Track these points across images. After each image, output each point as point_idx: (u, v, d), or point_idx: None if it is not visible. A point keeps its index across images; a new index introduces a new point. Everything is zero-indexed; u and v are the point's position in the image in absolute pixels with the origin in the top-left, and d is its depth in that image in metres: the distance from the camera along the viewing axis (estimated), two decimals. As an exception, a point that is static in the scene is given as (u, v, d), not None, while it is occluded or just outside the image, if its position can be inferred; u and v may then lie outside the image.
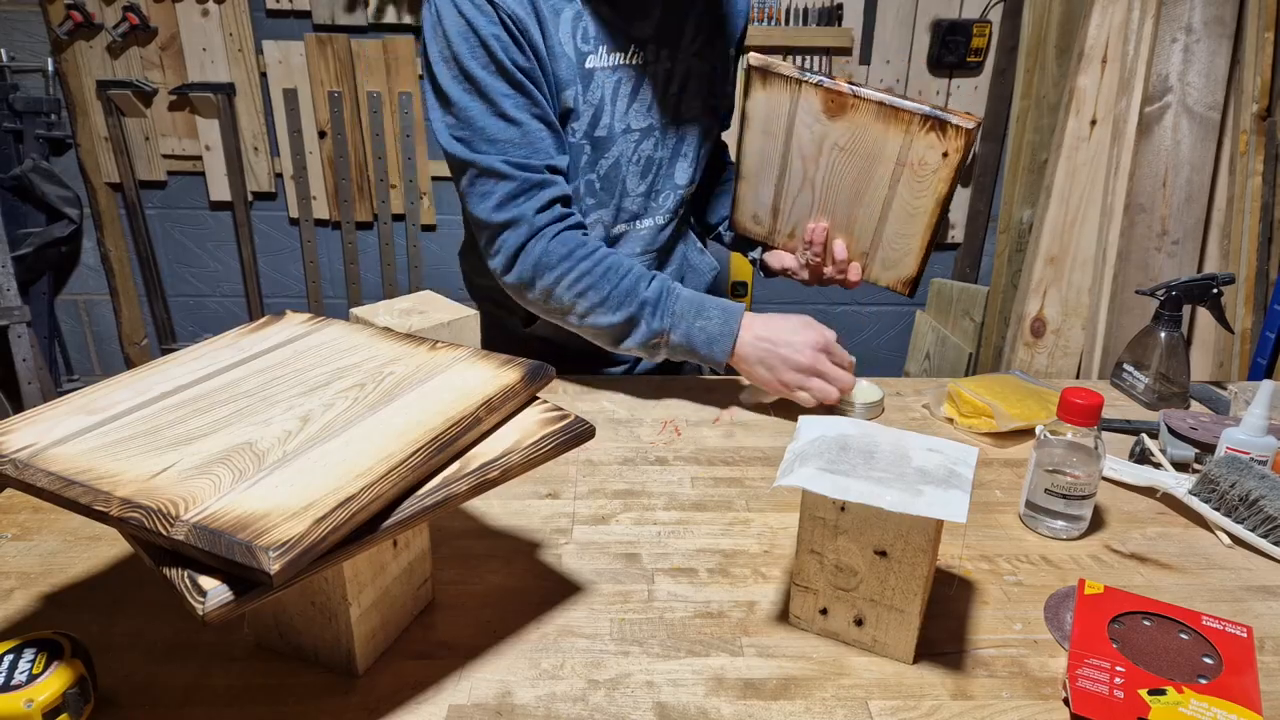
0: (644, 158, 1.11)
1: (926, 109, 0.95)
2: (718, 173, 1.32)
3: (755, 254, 1.24)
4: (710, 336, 1.00)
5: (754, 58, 1.02)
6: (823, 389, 1.00)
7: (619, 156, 1.09)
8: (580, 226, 1.04)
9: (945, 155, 0.96)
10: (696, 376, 1.17)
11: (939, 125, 0.95)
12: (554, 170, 1.01)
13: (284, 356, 0.71)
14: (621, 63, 1.05)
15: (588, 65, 1.02)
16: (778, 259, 1.19)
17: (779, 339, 1.00)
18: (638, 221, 1.16)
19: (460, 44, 0.95)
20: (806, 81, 1.00)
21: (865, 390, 1.07)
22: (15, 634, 0.60)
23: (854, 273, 1.10)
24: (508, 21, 0.94)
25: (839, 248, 1.09)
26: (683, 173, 1.17)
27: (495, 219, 1.00)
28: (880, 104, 0.97)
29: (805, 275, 1.15)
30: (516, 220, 0.99)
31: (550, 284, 1.01)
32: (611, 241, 1.14)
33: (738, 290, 2.43)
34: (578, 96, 1.02)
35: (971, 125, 0.94)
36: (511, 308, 1.19)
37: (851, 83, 1.00)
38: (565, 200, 1.03)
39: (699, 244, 1.32)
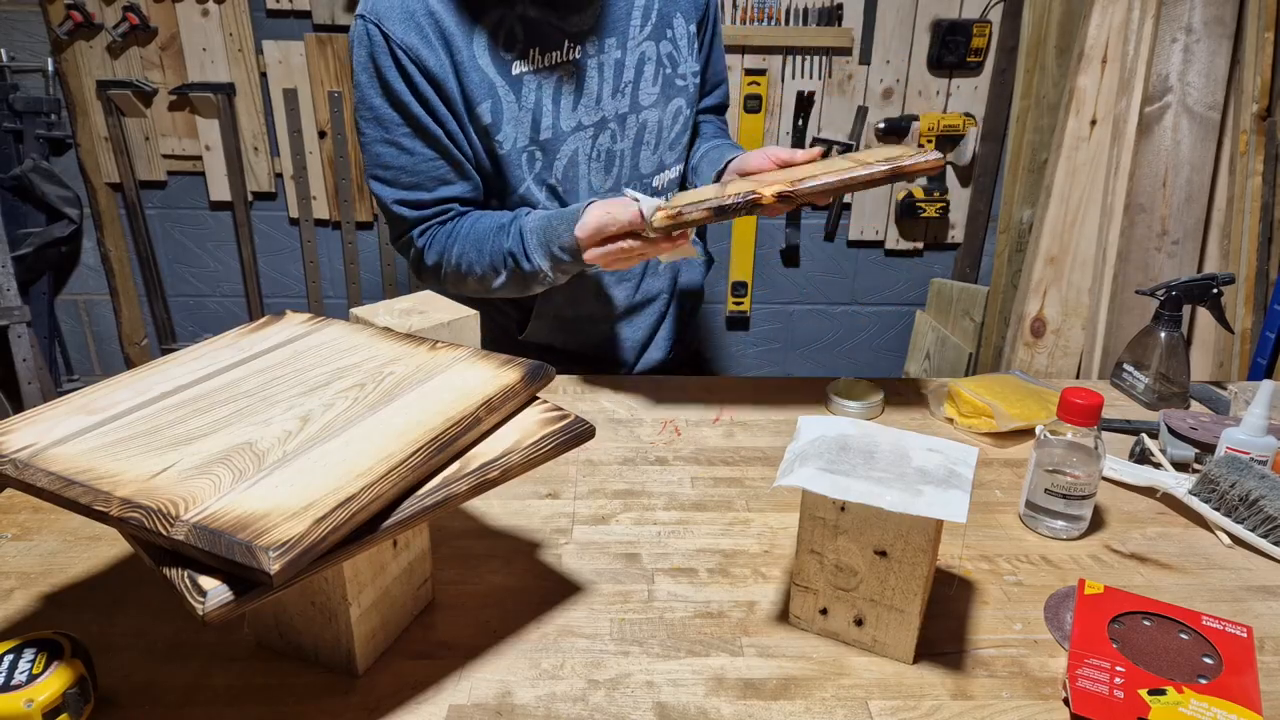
0: (603, 152, 1.10)
1: (883, 168, 0.87)
2: (706, 140, 1.27)
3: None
4: (565, 246, 0.98)
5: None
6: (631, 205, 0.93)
7: (574, 155, 1.08)
8: (454, 216, 1.08)
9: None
10: (696, 376, 1.17)
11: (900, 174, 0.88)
12: (442, 202, 1.06)
13: (284, 356, 0.71)
14: (558, 60, 1.04)
15: (514, 72, 1.02)
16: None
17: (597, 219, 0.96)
18: None
19: (361, 74, 1.00)
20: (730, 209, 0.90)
21: (867, 391, 1.07)
22: (15, 634, 0.60)
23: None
24: (398, 53, 0.97)
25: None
26: (647, 162, 1.15)
27: (397, 246, 1.13)
28: (825, 190, 0.88)
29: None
30: (407, 246, 1.10)
31: (450, 277, 1.09)
32: None
33: (738, 290, 2.42)
34: (500, 107, 1.02)
35: (938, 159, 0.88)
36: (506, 312, 1.19)
37: (785, 191, 0.88)
38: (447, 210, 1.08)
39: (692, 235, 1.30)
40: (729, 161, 1.11)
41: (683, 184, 1.25)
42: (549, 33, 1.02)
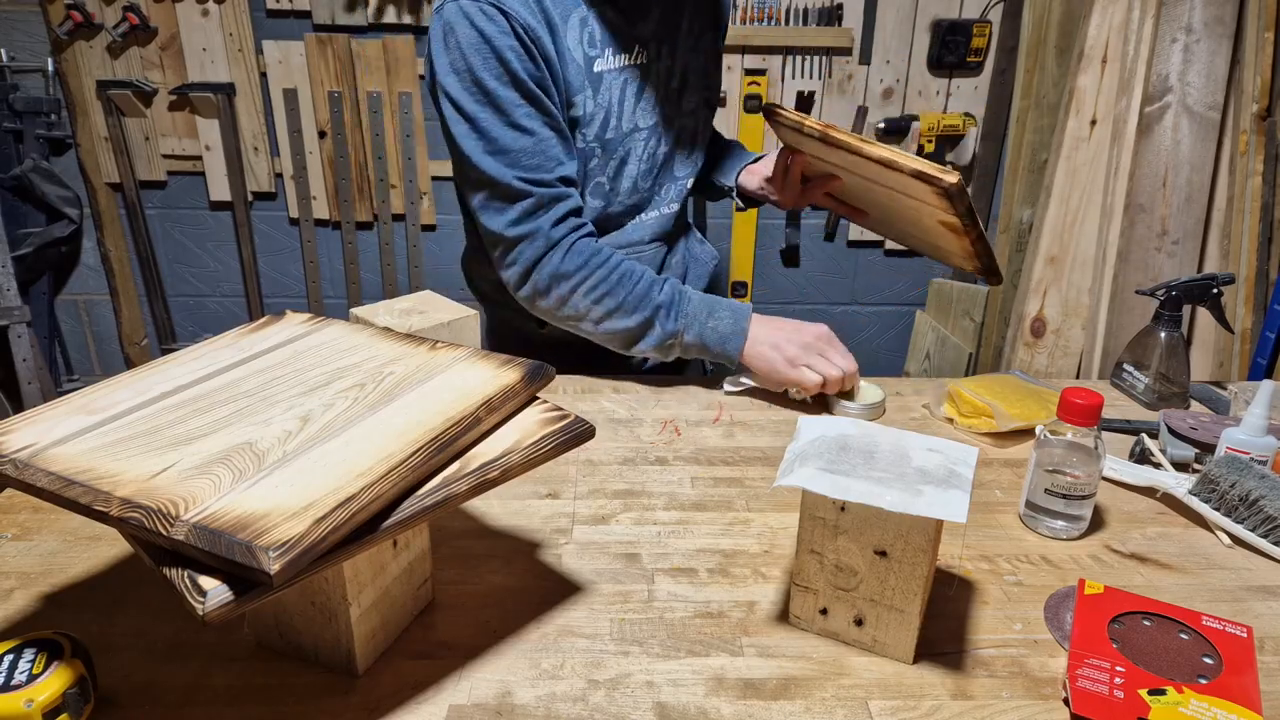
0: (650, 155, 1.13)
1: (914, 166, 0.95)
2: (714, 140, 1.34)
3: (729, 180, 1.29)
4: (723, 335, 1.05)
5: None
6: (826, 365, 1.03)
7: (626, 155, 1.10)
8: (592, 235, 1.06)
9: (941, 200, 0.97)
10: (696, 376, 1.17)
11: (925, 179, 0.95)
12: (566, 181, 1.03)
13: (284, 356, 0.71)
14: (627, 64, 1.06)
15: (596, 69, 1.03)
16: (755, 176, 1.25)
17: (785, 326, 1.06)
18: (641, 214, 1.17)
19: (474, 56, 0.95)
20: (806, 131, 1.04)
21: (867, 391, 1.07)
22: (15, 634, 0.60)
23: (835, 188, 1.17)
24: (520, 32, 0.95)
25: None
26: (681, 166, 1.19)
27: (511, 234, 1.02)
28: (875, 158, 0.98)
29: (782, 196, 1.22)
30: (533, 234, 1.01)
31: (566, 293, 1.04)
32: (616, 231, 1.16)
33: (737, 290, 2.43)
34: (587, 101, 1.03)
35: (951, 181, 0.93)
36: (524, 311, 1.19)
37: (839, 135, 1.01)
38: (578, 211, 1.05)
39: (699, 235, 1.34)
40: (747, 164, 1.28)
41: (699, 181, 1.30)
42: (620, 35, 1.04)
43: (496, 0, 0.95)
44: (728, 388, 1.10)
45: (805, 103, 2.23)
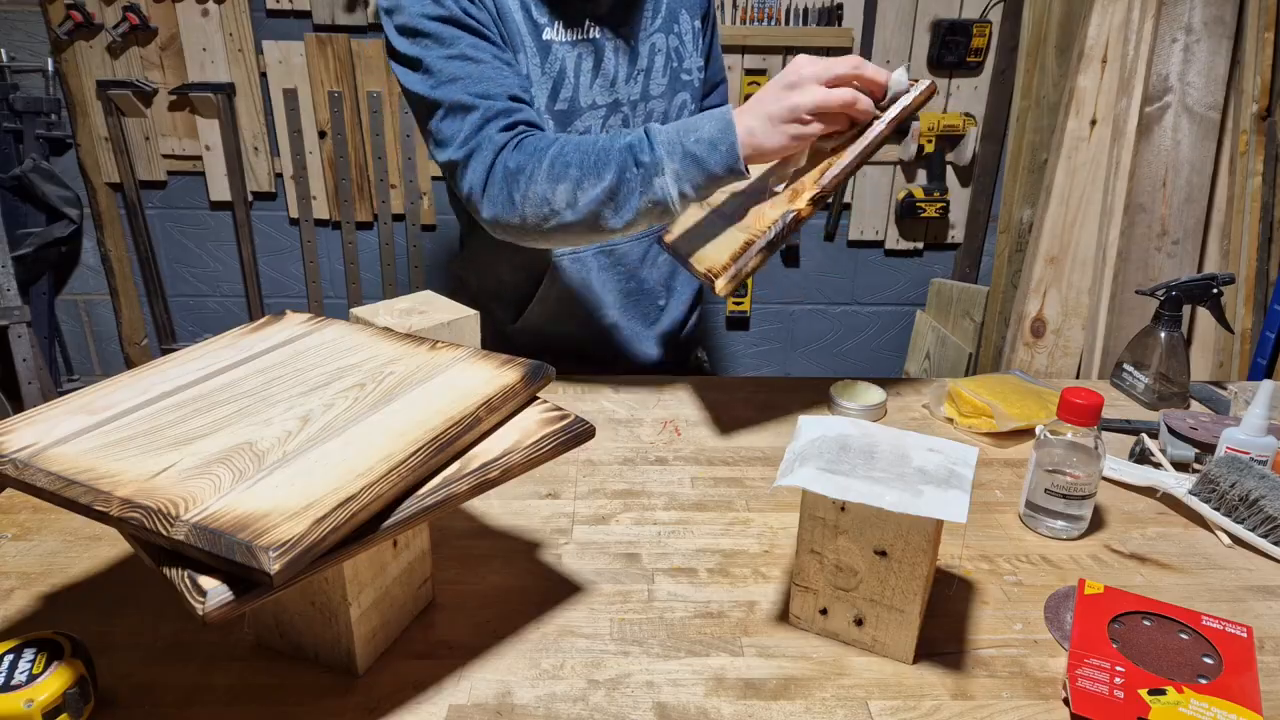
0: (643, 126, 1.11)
1: (889, 117, 0.84)
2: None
3: None
4: (711, 139, 0.85)
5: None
6: (847, 97, 0.83)
7: (587, 131, 1.09)
8: (543, 131, 0.98)
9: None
10: (696, 376, 1.17)
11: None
12: (517, 100, 0.98)
13: (284, 356, 0.71)
14: (579, 38, 1.06)
15: (545, 37, 1.03)
16: None
17: (763, 91, 0.87)
18: None
19: (414, 5, 0.96)
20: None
21: (867, 391, 1.07)
22: (15, 634, 0.60)
23: None
24: None
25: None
26: None
27: (460, 154, 0.96)
28: (849, 171, 0.86)
29: None
30: (480, 146, 0.95)
31: (525, 188, 0.92)
32: None
33: (738, 290, 2.42)
34: (529, 64, 1.03)
35: (923, 89, 0.84)
36: (504, 301, 1.18)
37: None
38: (531, 124, 0.97)
39: None
40: None
41: None
42: (574, 9, 1.05)
43: None
44: (773, 183, 0.91)
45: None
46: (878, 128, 0.85)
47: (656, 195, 0.88)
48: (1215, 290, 1.08)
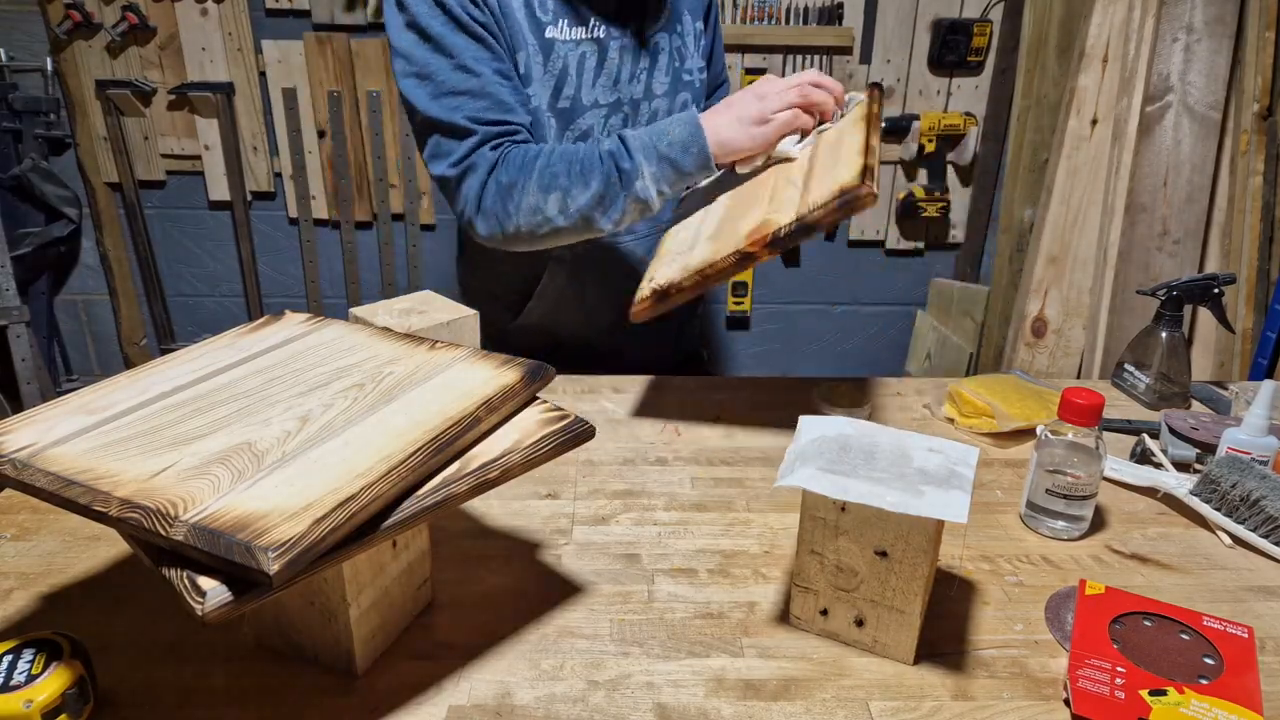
0: (612, 133, 1.11)
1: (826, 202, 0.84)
2: None
3: None
4: (682, 142, 0.95)
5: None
6: (807, 90, 0.96)
7: (588, 130, 1.10)
8: (528, 142, 1.02)
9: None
10: (696, 376, 1.17)
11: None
12: (509, 115, 1.01)
13: (283, 356, 0.71)
14: (584, 36, 1.06)
15: (547, 35, 1.04)
16: None
17: (740, 95, 0.98)
18: None
19: (419, 5, 0.98)
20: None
21: (852, 396, 1.06)
22: (15, 634, 0.60)
23: None
24: None
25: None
26: None
27: (454, 172, 1.01)
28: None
29: None
30: (474, 166, 1.00)
31: (519, 201, 0.98)
32: None
33: (738, 289, 2.42)
34: (531, 62, 1.03)
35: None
36: (504, 301, 1.18)
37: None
38: (515, 133, 1.01)
39: None
40: None
41: None
42: (578, 7, 1.05)
43: None
44: (741, 170, 1.01)
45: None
46: (834, 125, 0.97)
47: (639, 196, 0.97)
48: (1216, 290, 1.08)
